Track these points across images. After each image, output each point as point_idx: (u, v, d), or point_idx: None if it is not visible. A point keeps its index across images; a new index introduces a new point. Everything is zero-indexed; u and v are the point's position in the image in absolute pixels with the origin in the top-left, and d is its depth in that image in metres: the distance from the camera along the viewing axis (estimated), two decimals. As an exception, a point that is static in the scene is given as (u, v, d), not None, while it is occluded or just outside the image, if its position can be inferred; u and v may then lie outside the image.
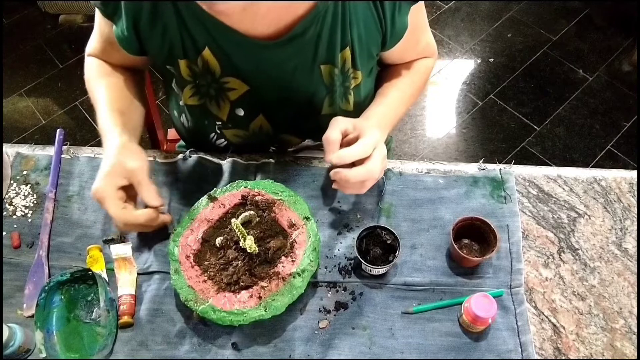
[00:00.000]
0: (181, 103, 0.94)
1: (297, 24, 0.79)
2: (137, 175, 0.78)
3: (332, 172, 0.82)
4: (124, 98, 0.91)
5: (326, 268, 0.85)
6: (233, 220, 0.77)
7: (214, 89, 0.88)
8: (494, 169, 0.95)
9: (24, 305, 0.82)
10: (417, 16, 0.88)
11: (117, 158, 0.78)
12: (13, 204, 0.92)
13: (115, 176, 0.77)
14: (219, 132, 0.97)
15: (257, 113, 0.93)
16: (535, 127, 2.16)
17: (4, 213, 0.91)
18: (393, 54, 0.94)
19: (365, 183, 0.82)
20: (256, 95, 0.89)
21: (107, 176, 0.77)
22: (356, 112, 0.96)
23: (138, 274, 0.85)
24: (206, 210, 0.85)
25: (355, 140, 0.80)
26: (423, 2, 0.89)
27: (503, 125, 2.18)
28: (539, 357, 0.78)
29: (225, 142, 1.00)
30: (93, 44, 0.94)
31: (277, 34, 0.80)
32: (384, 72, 1.01)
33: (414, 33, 0.91)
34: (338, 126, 0.82)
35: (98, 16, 0.87)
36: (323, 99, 0.91)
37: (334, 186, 0.84)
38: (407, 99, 0.96)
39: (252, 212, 0.83)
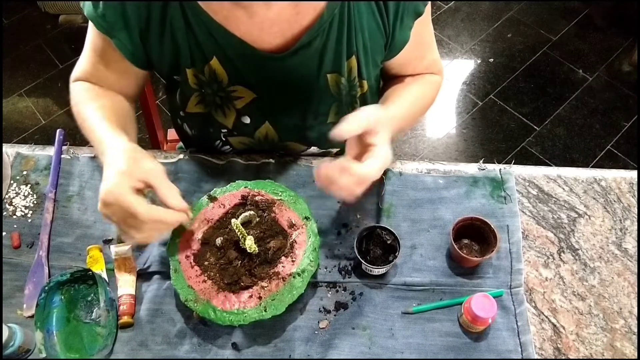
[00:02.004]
0: (182, 113, 0.93)
1: (304, 34, 0.78)
2: (157, 176, 0.70)
3: (317, 171, 0.73)
4: (120, 118, 0.84)
5: (326, 268, 0.85)
6: (233, 220, 0.77)
7: (219, 97, 0.88)
8: (494, 169, 0.95)
9: (24, 305, 0.82)
10: (423, 31, 0.88)
11: (130, 158, 0.69)
12: (13, 204, 0.92)
13: (131, 176, 0.68)
14: (224, 139, 0.96)
15: (263, 121, 0.92)
16: (535, 127, 2.16)
17: (4, 213, 0.91)
18: (394, 66, 0.93)
19: (355, 189, 0.72)
20: (262, 103, 0.88)
21: (123, 174, 0.67)
22: None
23: (138, 274, 0.85)
24: (206, 210, 0.85)
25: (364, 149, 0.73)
26: (429, 19, 0.88)
27: (503, 125, 2.18)
28: (539, 357, 0.78)
29: (231, 149, 0.99)
30: (82, 67, 0.89)
31: (284, 44, 0.80)
32: (391, 82, 0.98)
33: (419, 48, 0.90)
34: (359, 122, 0.72)
35: (92, 35, 0.84)
36: (329, 108, 0.91)
37: (317, 184, 0.74)
38: (420, 104, 0.93)
39: (252, 212, 0.83)
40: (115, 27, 0.79)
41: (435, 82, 0.99)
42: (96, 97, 0.86)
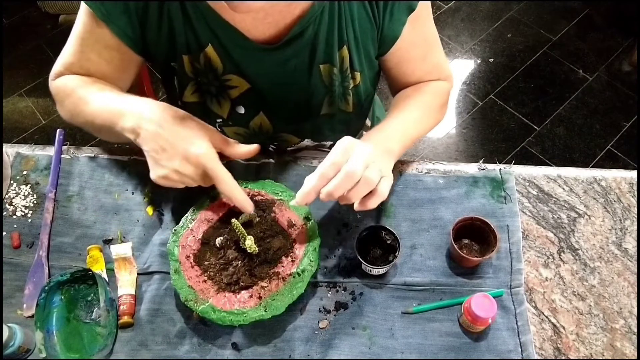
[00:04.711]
0: (180, 103, 0.94)
1: (296, 24, 0.79)
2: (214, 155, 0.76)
3: (320, 197, 0.74)
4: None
5: (326, 268, 0.85)
6: (233, 220, 0.77)
7: (215, 86, 0.88)
8: (494, 169, 0.95)
9: (24, 305, 0.82)
10: (421, 30, 0.87)
11: (201, 125, 0.77)
12: (13, 204, 0.92)
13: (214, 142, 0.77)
14: (219, 129, 0.97)
15: (258, 111, 0.93)
16: (535, 127, 2.16)
17: (4, 213, 0.91)
18: (391, 65, 0.92)
19: (358, 189, 0.72)
20: (257, 93, 0.89)
21: (208, 137, 0.76)
22: (355, 112, 0.96)
23: (138, 274, 0.85)
24: (206, 210, 0.85)
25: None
26: (430, 19, 0.87)
27: (503, 125, 2.18)
28: (539, 357, 0.78)
29: None
30: (67, 60, 0.87)
31: (277, 34, 0.81)
32: (397, 90, 0.98)
33: (417, 47, 0.89)
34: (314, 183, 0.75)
35: (85, 25, 0.83)
36: (322, 99, 0.91)
37: (341, 203, 0.76)
38: (417, 118, 0.89)
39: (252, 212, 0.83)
40: (114, 12, 0.79)
41: (440, 89, 0.96)
42: (91, 82, 0.86)
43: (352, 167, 0.71)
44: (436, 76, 0.96)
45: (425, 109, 0.91)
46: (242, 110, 0.92)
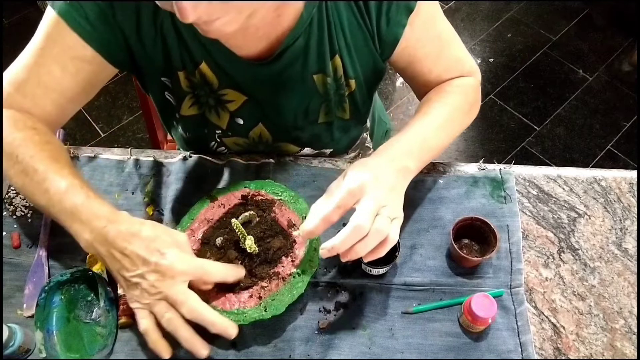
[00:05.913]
0: (178, 115, 0.93)
1: (286, 36, 0.78)
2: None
3: (321, 252, 0.70)
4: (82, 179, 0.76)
5: (326, 268, 0.85)
6: (233, 220, 0.77)
7: (213, 98, 0.88)
8: (494, 169, 0.95)
9: (24, 305, 0.82)
10: (429, 27, 0.85)
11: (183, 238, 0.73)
12: (13, 204, 0.92)
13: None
14: (219, 140, 0.96)
15: (256, 122, 0.93)
16: (535, 127, 2.16)
17: (4, 213, 0.91)
18: (403, 66, 0.90)
19: (366, 242, 0.67)
20: (254, 105, 0.89)
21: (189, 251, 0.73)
22: (353, 119, 0.95)
23: (138, 274, 0.85)
24: (206, 210, 0.85)
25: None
26: (437, 14, 0.85)
27: (503, 125, 2.18)
28: (539, 357, 0.78)
29: (226, 150, 1.00)
30: (20, 76, 0.79)
31: (269, 47, 0.80)
32: (419, 105, 0.94)
33: (427, 45, 0.86)
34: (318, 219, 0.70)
35: (51, 35, 0.76)
36: (319, 108, 0.91)
37: (343, 260, 0.70)
38: (441, 122, 0.84)
39: (252, 212, 0.83)
40: (98, 27, 0.75)
41: (466, 85, 0.91)
42: (41, 144, 0.76)
43: (360, 220, 0.66)
44: (458, 72, 0.91)
45: (450, 111, 0.86)
46: (241, 121, 0.92)
